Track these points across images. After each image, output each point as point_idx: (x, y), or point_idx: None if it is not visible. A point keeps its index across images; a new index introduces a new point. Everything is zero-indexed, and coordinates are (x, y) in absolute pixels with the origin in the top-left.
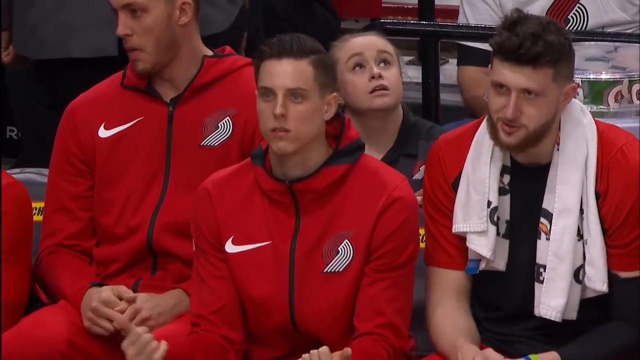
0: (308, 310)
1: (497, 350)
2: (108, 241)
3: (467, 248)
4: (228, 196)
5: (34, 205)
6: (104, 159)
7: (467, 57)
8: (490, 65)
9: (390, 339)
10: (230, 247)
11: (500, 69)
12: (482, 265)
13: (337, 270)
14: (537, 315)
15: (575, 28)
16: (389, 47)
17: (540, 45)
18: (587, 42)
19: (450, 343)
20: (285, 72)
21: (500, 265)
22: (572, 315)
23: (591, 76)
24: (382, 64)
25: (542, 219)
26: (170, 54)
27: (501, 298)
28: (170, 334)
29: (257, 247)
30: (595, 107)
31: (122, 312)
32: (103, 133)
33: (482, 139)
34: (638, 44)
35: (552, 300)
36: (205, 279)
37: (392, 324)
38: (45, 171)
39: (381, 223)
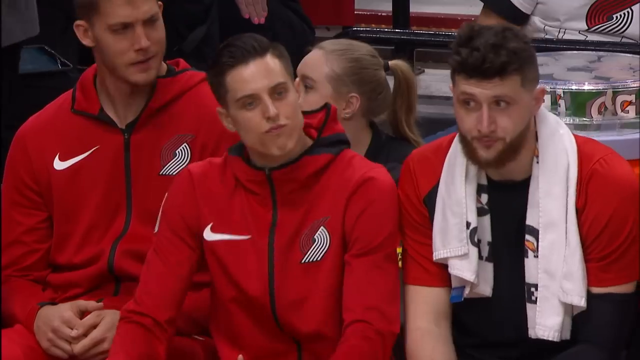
0: (288, 303)
1: None
2: (66, 269)
3: (444, 264)
4: (210, 183)
5: None
6: (61, 193)
7: None
8: (452, 84)
9: (377, 324)
10: (209, 235)
11: (466, 86)
12: (467, 292)
13: (315, 259)
14: (532, 337)
15: (612, 29)
16: None
17: (503, 55)
18: (569, 52)
19: None
20: (259, 73)
21: (487, 290)
22: (566, 335)
23: (573, 87)
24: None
25: (528, 237)
26: None
27: (489, 325)
28: None
29: (237, 239)
30: (577, 120)
31: (77, 337)
32: (58, 165)
33: (454, 159)
34: (622, 54)
35: (548, 319)
36: (163, 260)
37: (378, 307)
38: None
39: (352, 202)
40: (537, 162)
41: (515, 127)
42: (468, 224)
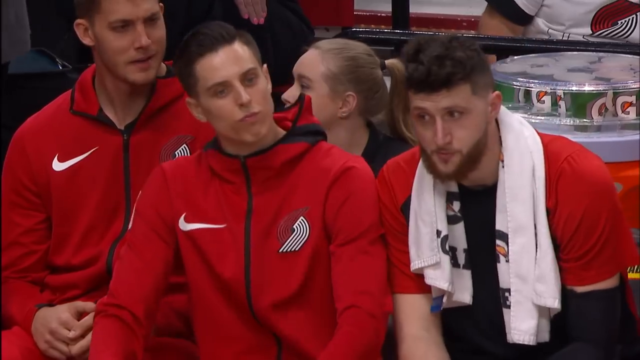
0: (265, 293)
1: None
2: (65, 271)
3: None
4: (183, 177)
5: None
6: (60, 194)
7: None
8: (408, 98)
9: (368, 307)
10: (183, 225)
11: (417, 101)
12: (445, 300)
13: (293, 249)
14: (510, 342)
15: (616, 34)
16: None
17: (448, 66)
18: (569, 53)
19: None
20: (228, 60)
21: (466, 298)
22: (545, 337)
23: (573, 88)
24: None
25: (498, 241)
26: None
27: (475, 331)
28: None
29: (213, 228)
30: (577, 121)
31: (75, 338)
32: (57, 166)
33: (423, 168)
34: (622, 54)
35: (523, 323)
36: (138, 255)
37: (367, 291)
38: None
39: (332, 192)
40: (503, 167)
41: (472, 136)
42: (438, 232)
